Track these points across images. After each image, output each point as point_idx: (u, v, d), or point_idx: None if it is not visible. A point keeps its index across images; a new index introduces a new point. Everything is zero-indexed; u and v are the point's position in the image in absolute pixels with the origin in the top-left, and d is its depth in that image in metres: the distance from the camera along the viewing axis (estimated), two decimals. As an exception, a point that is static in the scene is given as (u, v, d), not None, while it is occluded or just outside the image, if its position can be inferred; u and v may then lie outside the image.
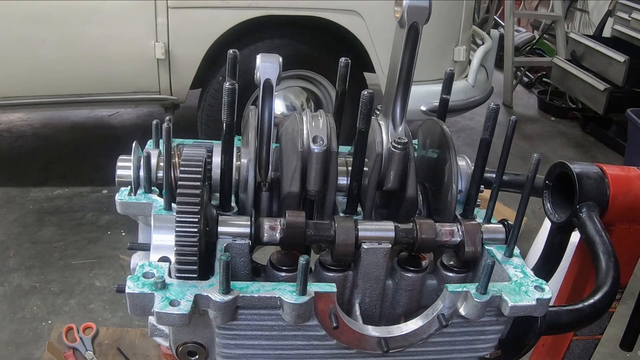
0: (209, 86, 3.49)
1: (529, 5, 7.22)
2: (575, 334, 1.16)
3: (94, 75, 3.22)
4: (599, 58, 5.24)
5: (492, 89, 4.28)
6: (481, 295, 0.81)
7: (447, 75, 1.02)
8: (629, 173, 1.03)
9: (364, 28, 3.43)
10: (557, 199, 1.05)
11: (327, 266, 0.90)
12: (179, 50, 3.31)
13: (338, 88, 1.00)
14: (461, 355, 0.91)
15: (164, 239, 0.82)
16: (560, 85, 5.79)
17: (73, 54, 3.02)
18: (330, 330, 0.82)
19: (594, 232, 0.95)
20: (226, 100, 0.83)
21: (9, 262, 3.05)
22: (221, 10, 3.28)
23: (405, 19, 0.86)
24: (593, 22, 6.43)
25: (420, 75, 2.38)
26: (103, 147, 4.11)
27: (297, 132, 0.91)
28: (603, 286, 0.88)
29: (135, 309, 0.75)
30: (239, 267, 0.88)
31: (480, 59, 3.93)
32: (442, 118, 1.03)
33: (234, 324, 0.80)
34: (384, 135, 0.94)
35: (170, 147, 0.85)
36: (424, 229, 0.89)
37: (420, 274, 0.92)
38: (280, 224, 0.86)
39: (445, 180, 0.94)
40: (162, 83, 3.39)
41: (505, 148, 0.89)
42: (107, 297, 2.83)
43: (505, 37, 5.83)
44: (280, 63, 0.88)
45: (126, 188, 0.94)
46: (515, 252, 0.91)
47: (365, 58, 3.55)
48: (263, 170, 0.93)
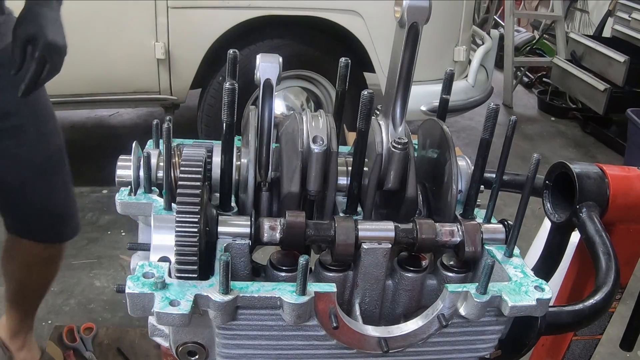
0: (209, 86, 3.49)
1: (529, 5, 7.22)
2: (575, 334, 1.16)
3: (94, 75, 3.22)
4: (599, 58, 5.24)
5: (492, 89, 4.28)
6: (481, 295, 0.81)
7: (447, 75, 1.02)
8: (629, 173, 1.03)
9: (364, 28, 3.44)
10: (557, 199, 1.05)
11: (327, 266, 0.90)
12: (179, 50, 3.31)
13: (338, 88, 1.00)
14: (461, 355, 0.91)
15: (164, 239, 0.82)
16: (560, 85, 5.79)
17: (73, 54, 3.00)
18: (330, 330, 0.82)
19: (594, 232, 0.95)
20: (226, 100, 0.83)
21: (9, 262, 3.04)
22: (221, 10, 3.29)
23: (405, 19, 0.86)
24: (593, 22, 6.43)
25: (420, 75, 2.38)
26: (103, 147, 4.11)
27: (297, 132, 0.91)
28: (603, 286, 0.88)
29: (135, 309, 0.75)
30: (239, 267, 0.88)
31: (480, 59, 3.93)
32: (442, 118, 1.03)
33: (234, 324, 0.80)
34: (384, 135, 0.94)
35: (170, 147, 0.85)
36: (424, 229, 0.89)
37: (420, 274, 0.92)
38: (280, 224, 0.86)
39: (445, 180, 0.94)
40: (162, 83, 3.39)
41: (505, 148, 0.89)
42: (107, 297, 2.83)
43: (505, 37, 5.83)
44: (280, 63, 0.88)
45: (126, 188, 0.94)
46: (515, 252, 0.91)
47: (365, 58, 3.55)
48: (263, 170, 0.93)
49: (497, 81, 5.69)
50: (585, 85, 5.21)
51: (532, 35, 6.85)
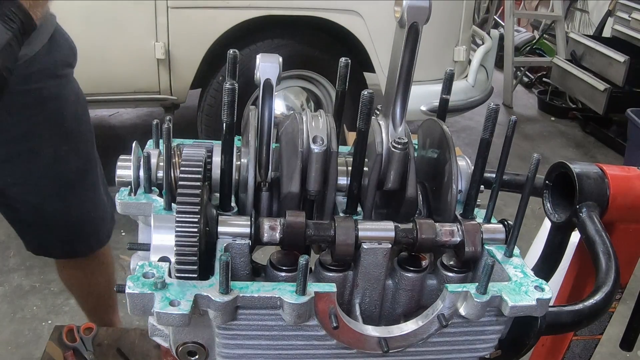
0: (209, 86, 3.50)
1: (529, 5, 7.22)
2: (575, 334, 1.16)
3: (94, 75, 3.22)
4: (599, 58, 5.24)
5: (492, 89, 4.28)
6: (481, 295, 0.81)
7: (447, 75, 1.02)
8: (629, 173, 1.03)
9: (364, 28, 3.44)
10: (557, 199, 1.05)
11: (327, 266, 0.90)
12: (179, 50, 3.32)
13: (338, 88, 1.00)
14: (461, 355, 0.91)
15: (164, 239, 0.82)
16: (560, 85, 5.79)
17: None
18: (330, 330, 0.82)
19: (594, 232, 0.95)
20: (226, 100, 0.83)
21: (9, 262, 3.05)
22: (221, 10, 3.29)
23: (405, 19, 0.86)
24: (593, 22, 6.43)
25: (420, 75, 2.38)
26: (103, 147, 4.10)
27: (297, 132, 0.91)
28: (603, 286, 0.88)
29: (135, 309, 0.75)
30: (239, 267, 0.88)
31: (480, 59, 3.93)
32: (442, 118, 1.03)
33: (234, 324, 0.80)
34: (384, 135, 0.93)
35: (170, 147, 0.85)
36: (424, 229, 0.89)
37: (420, 274, 0.92)
38: (280, 224, 0.86)
39: (445, 180, 0.94)
40: (162, 83, 3.40)
41: (505, 148, 0.89)
42: (107, 297, 2.82)
43: (505, 37, 5.83)
44: (280, 63, 0.88)
45: (126, 188, 0.93)
46: (515, 252, 0.91)
47: (365, 58, 3.55)
48: (263, 170, 0.93)
49: (497, 81, 5.69)
50: (585, 85, 5.22)
51: (532, 35, 6.86)
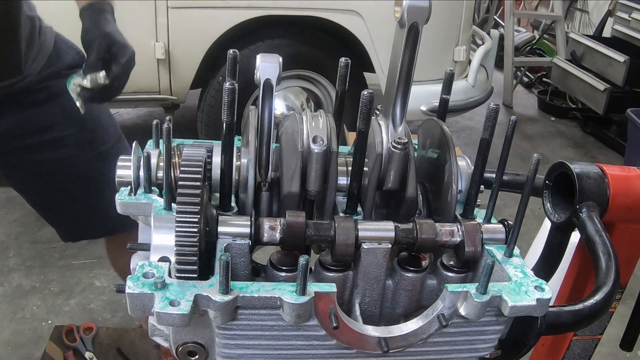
0: (209, 86, 3.50)
1: (529, 5, 7.23)
2: (575, 334, 1.16)
3: (94, 75, 3.21)
4: (599, 58, 5.24)
5: (492, 89, 4.28)
6: (481, 295, 0.81)
7: (447, 75, 1.02)
8: (629, 173, 1.03)
9: (364, 28, 3.44)
10: (557, 199, 1.05)
11: (327, 266, 0.90)
12: (179, 50, 3.32)
13: (338, 88, 1.00)
14: (461, 355, 0.91)
15: (164, 239, 0.82)
16: (560, 85, 5.79)
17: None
18: (330, 330, 0.82)
19: (594, 232, 0.95)
20: (226, 100, 0.83)
21: (9, 262, 3.05)
22: (221, 10, 3.29)
23: (405, 19, 0.86)
24: (593, 22, 6.43)
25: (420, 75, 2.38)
26: (103, 147, 4.10)
27: (297, 132, 0.91)
28: (603, 286, 0.88)
29: (135, 309, 0.75)
30: (239, 267, 0.88)
31: (480, 59, 3.93)
32: (442, 118, 1.03)
33: (234, 324, 0.80)
34: (384, 135, 0.93)
35: (170, 147, 0.85)
36: (424, 229, 0.89)
37: (420, 274, 0.92)
38: (280, 224, 0.86)
39: (445, 180, 0.94)
40: (162, 83, 3.40)
41: (505, 148, 0.89)
42: (107, 297, 2.83)
43: (505, 37, 5.83)
44: (280, 63, 0.88)
45: (126, 188, 0.93)
46: (515, 252, 0.91)
47: (365, 58, 3.55)
48: (263, 170, 0.93)
49: (497, 81, 5.69)
50: (585, 85, 5.22)
51: (532, 35, 6.86)
